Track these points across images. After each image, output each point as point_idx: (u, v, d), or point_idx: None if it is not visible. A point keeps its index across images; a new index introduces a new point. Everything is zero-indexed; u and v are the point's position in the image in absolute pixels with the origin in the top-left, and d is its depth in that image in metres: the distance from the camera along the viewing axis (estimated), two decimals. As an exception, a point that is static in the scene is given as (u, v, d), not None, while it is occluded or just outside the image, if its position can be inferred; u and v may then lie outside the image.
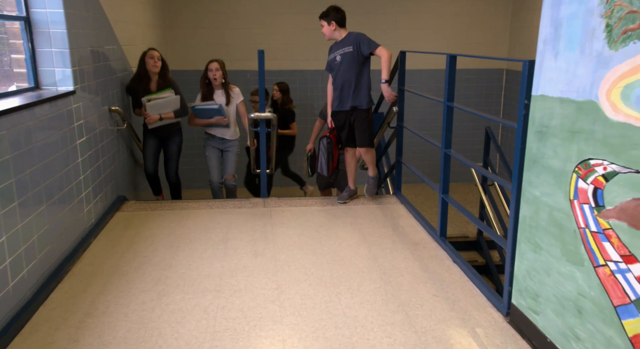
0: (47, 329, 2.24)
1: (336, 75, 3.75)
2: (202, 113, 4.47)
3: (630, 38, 1.59)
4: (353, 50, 3.64)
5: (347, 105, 3.74)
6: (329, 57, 3.82)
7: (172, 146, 4.50)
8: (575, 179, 1.88)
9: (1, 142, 2.19)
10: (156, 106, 4.21)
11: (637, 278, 1.57)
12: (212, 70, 4.41)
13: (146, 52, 4.22)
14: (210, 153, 4.63)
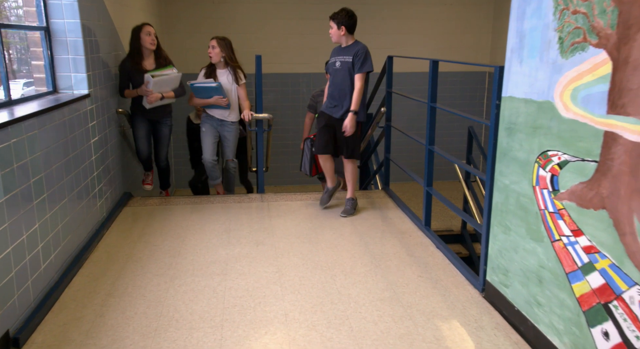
0: (75, 306, 2.52)
1: (333, 80, 3.74)
2: (200, 92, 4.21)
3: (577, 49, 1.91)
4: (351, 62, 3.62)
5: (337, 113, 3.71)
6: (330, 60, 3.79)
7: (163, 129, 4.32)
8: (536, 168, 2.19)
9: (35, 140, 2.46)
10: (160, 83, 3.98)
11: (582, 248, 1.89)
12: (209, 48, 4.18)
13: (141, 27, 3.97)
14: (206, 129, 4.35)
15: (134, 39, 3.97)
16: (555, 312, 2.06)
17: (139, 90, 3.98)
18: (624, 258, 1.68)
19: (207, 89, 4.17)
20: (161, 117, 4.25)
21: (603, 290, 1.78)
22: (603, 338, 1.78)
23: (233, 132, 4.38)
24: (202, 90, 4.19)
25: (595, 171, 1.82)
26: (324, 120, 3.80)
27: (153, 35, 3.98)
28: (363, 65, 3.58)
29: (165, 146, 4.44)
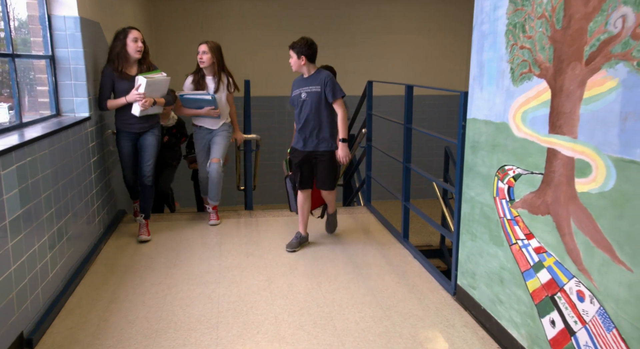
0: (80, 312, 2.72)
1: (300, 112, 3.58)
2: (190, 103, 4.00)
3: (524, 78, 2.24)
4: (320, 91, 3.50)
5: (309, 146, 3.58)
6: (294, 92, 3.64)
7: (148, 137, 3.75)
8: (496, 181, 2.50)
9: (45, 159, 2.70)
10: (153, 85, 3.57)
11: (534, 249, 2.18)
12: (199, 53, 3.95)
13: (127, 31, 3.57)
14: (198, 148, 4.21)
15: (118, 43, 3.56)
16: (513, 308, 2.33)
17: (128, 97, 3.55)
18: (564, 256, 1.97)
19: (199, 101, 3.99)
20: (147, 129, 3.76)
21: (550, 284, 2.06)
22: (550, 326, 2.06)
23: (224, 134, 4.16)
24: (193, 101, 3.99)
25: (541, 182, 2.12)
26: (299, 156, 3.64)
27: (140, 41, 3.60)
28: (336, 92, 3.50)
29: (150, 157, 3.76)
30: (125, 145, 3.77)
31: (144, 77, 3.52)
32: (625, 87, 1.65)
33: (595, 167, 1.80)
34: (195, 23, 7.15)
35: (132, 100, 3.56)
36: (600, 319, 1.77)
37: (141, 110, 3.58)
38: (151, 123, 3.78)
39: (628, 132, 1.64)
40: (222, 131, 4.15)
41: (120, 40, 3.56)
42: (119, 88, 3.62)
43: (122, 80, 3.58)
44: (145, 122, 3.73)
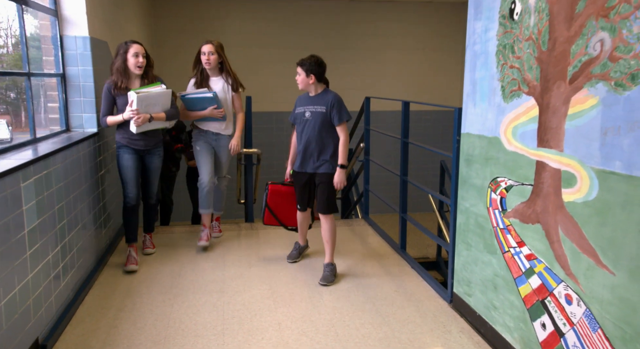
0: (90, 320, 2.82)
1: (302, 132, 3.46)
2: (193, 104, 3.81)
3: (514, 96, 2.39)
4: (326, 112, 3.37)
5: (309, 167, 3.46)
6: (297, 109, 3.52)
7: (153, 159, 3.67)
8: (489, 192, 2.63)
9: (57, 172, 2.82)
10: (147, 100, 3.37)
11: (525, 256, 2.30)
12: (205, 54, 3.74)
13: (127, 46, 3.41)
14: (201, 147, 3.93)
15: (119, 58, 3.41)
16: (507, 313, 2.45)
17: (124, 114, 3.38)
18: (553, 262, 2.10)
19: (200, 100, 3.78)
20: (152, 147, 3.61)
21: (540, 289, 2.19)
22: (541, 329, 2.17)
23: (229, 146, 4.01)
24: (195, 101, 3.79)
25: (531, 192, 2.26)
26: (301, 178, 3.53)
27: (141, 56, 3.41)
28: (342, 115, 3.37)
29: (156, 179, 3.79)
30: (129, 161, 3.55)
31: (136, 92, 3.33)
32: (605, 104, 1.79)
33: (579, 178, 1.94)
34: (197, 41, 7.30)
35: (128, 117, 3.37)
36: (587, 321, 1.89)
37: (136, 127, 3.38)
38: (156, 141, 3.63)
39: (608, 146, 1.78)
40: (227, 145, 3.99)
41: (121, 55, 3.40)
42: (120, 104, 3.47)
43: (122, 95, 3.43)
44: (150, 139, 3.57)
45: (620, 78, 1.71)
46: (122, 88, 3.43)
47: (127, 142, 3.53)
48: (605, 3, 1.76)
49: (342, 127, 3.40)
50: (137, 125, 3.38)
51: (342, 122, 3.39)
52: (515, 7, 2.35)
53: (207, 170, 3.92)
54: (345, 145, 3.41)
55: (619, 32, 1.70)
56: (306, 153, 3.46)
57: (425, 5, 7.96)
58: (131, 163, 3.56)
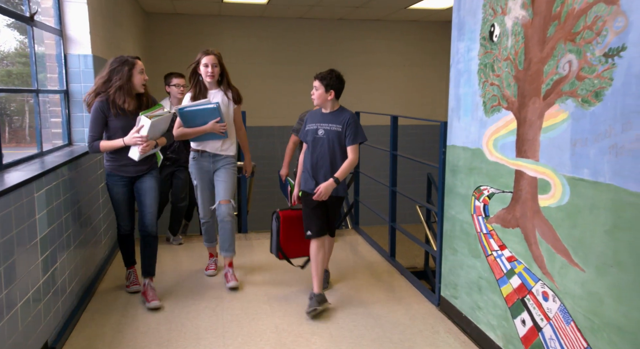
0: (95, 325, 2.93)
1: (313, 150, 3.21)
2: (192, 118, 3.32)
3: (495, 110, 2.59)
4: (341, 131, 3.14)
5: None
6: (308, 125, 3.26)
7: (147, 179, 3.22)
8: (473, 200, 2.82)
9: (65, 184, 2.96)
10: (157, 126, 3.02)
11: (506, 258, 2.49)
12: (209, 66, 3.33)
13: (133, 63, 3.04)
14: (199, 182, 3.48)
15: (122, 75, 2.99)
16: (490, 312, 2.63)
17: (126, 139, 2.98)
18: (531, 262, 2.28)
19: (201, 113, 3.30)
20: (145, 172, 3.23)
21: (520, 288, 2.37)
22: (522, 325, 2.35)
23: (231, 167, 3.49)
24: (196, 115, 3.31)
25: (511, 199, 2.45)
26: (312, 201, 3.17)
27: (144, 72, 3.11)
28: (357, 136, 3.15)
29: (153, 203, 3.24)
30: (120, 191, 3.20)
31: (147, 116, 2.95)
32: (574, 118, 2.00)
33: (553, 184, 2.14)
34: (191, 56, 7.49)
35: (132, 143, 2.98)
36: (561, 315, 2.08)
37: (140, 154, 3.01)
38: (149, 165, 3.24)
39: (577, 155, 1.98)
40: (228, 165, 3.48)
41: (125, 73, 2.98)
42: (113, 126, 3.04)
43: (119, 117, 3.02)
44: (143, 164, 3.17)
45: (586, 95, 1.92)
46: (122, 108, 3.02)
47: (117, 170, 3.14)
48: (572, 28, 1.98)
49: (353, 148, 3.15)
50: (142, 153, 3.00)
51: (356, 143, 3.15)
52: (495, 30, 2.57)
53: (206, 206, 3.54)
54: (351, 165, 3.15)
55: (584, 54, 1.92)
56: (318, 173, 3.20)
57: (410, 24, 8.26)
58: (123, 194, 3.21)
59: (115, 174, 3.16)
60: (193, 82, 3.42)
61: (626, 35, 1.72)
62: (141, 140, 2.97)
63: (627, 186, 1.73)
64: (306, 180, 3.27)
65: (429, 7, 6.90)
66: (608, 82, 1.81)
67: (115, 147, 3.04)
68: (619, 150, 1.76)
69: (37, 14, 3.23)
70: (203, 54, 3.35)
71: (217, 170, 3.49)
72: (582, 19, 1.92)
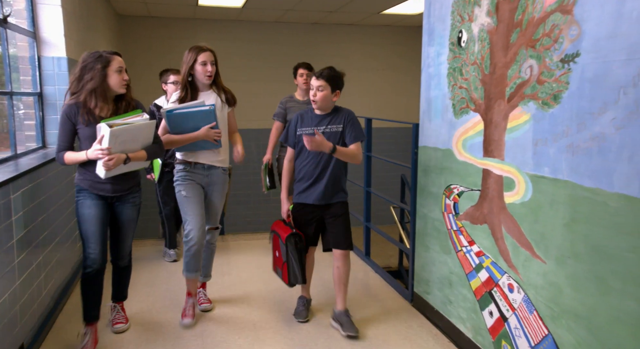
0: (71, 327, 2.93)
1: (309, 156, 2.87)
2: (183, 122, 2.82)
3: (463, 112, 2.71)
4: (342, 130, 2.86)
5: (319, 198, 2.88)
6: (302, 129, 2.90)
7: (126, 210, 2.72)
8: (444, 198, 2.94)
9: (40, 186, 2.95)
10: (123, 135, 2.44)
11: (475, 253, 2.61)
12: (207, 64, 2.86)
13: (108, 59, 2.51)
14: (188, 192, 2.89)
15: (95, 74, 2.48)
16: (460, 305, 2.74)
17: (88, 152, 2.44)
18: (498, 256, 2.40)
19: (193, 116, 2.82)
20: (125, 193, 2.68)
21: (488, 282, 2.49)
22: (489, 316, 2.47)
23: (226, 184, 3.06)
24: (187, 118, 2.82)
25: (479, 197, 2.57)
26: (309, 212, 2.94)
27: (125, 72, 2.60)
28: (359, 133, 2.85)
29: (130, 235, 2.82)
30: (92, 209, 2.60)
31: (108, 124, 2.40)
32: (535, 120, 2.12)
33: (517, 182, 2.26)
34: (165, 60, 7.48)
35: (94, 157, 2.43)
36: (525, 305, 2.20)
37: (105, 171, 2.45)
38: (131, 185, 2.70)
39: (538, 154, 2.10)
40: (223, 182, 3.03)
41: (99, 71, 2.47)
42: (83, 136, 2.54)
43: (90, 125, 2.51)
44: (123, 183, 2.64)
45: (546, 98, 2.05)
46: (93, 114, 2.52)
47: (89, 186, 2.60)
48: (532, 36, 2.11)
49: (358, 145, 2.84)
50: (106, 169, 2.44)
51: (358, 141, 2.85)
52: (462, 36, 2.69)
53: (198, 221, 2.88)
54: (354, 154, 2.81)
55: (543, 60, 2.05)
56: (316, 181, 2.88)
57: (384, 28, 8.42)
58: (94, 212, 2.60)
59: (88, 190, 2.61)
60: (183, 83, 2.89)
61: (580, 42, 1.85)
62: (102, 153, 2.39)
63: (582, 183, 1.86)
64: (300, 190, 2.93)
65: (401, 13, 7.06)
66: (565, 86, 1.93)
67: (80, 161, 2.52)
68: (575, 149, 1.89)
69: (10, 15, 3.21)
70: (197, 50, 2.87)
71: (210, 188, 2.99)
72: (541, 26, 2.05)
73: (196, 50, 2.87)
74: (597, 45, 1.78)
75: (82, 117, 2.52)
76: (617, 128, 1.70)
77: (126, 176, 2.65)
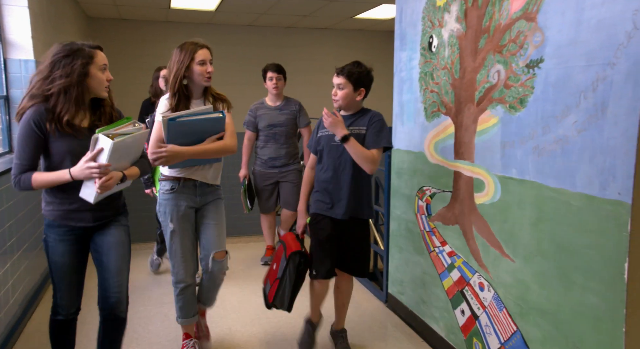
0: (40, 335, 2.87)
1: (331, 162, 2.52)
2: (186, 132, 2.30)
3: (435, 116, 2.77)
4: (366, 133, 2.50)
5: (345, 212, 2.50)
6: (322, 131, 2.58)
7: (114, 233, 2.13)
8: (417, 200, 2.99)
9: (8, 192, 2.88)
10: (121, 149, 1.95)
11: (447, 253, 2.66)
12: (206, 64, 2.44)
13: (91, 53, 1.97)
14: (178, 224, 2.46)
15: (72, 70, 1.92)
16: (434, 305, 2.79)
17: (75, 170, 1.89)
18: (469, 256, 2.46)
19: (202, 125, 2.35)
20: (111, 214, 2.13)
21: (460, 281, 2.54)
22: (461, 315, 2.52)
23: (222, 202, 2.62)
24: (192, 128, 2.32)
25: (451, 198, 2.63)
26: (327, 227, 2.51)
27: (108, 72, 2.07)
28: (380, 136, 2.48)
29: (124, 269, 2.19)
30: (67, 260, 2.08)
31: (108, 134, 1.90)
32: (503, 123, 2.19)
33: (487, 183, 2.32)
34: (137, 64, 7.40)
35: (85, 176, 1.89)
36: (495, 303, 2.26)
37: (97, 194, 1.93)
38: (115, 207, 2.14)
39: (506, 156, 2.17)
40: (218, 199, 2.60)
41: (77, 69, 1.92)
42: (57, 151, 1.94)
43: (64, 136, 1.94)
44: (107, 207, 2.09)
45: (513, 101, 2.12)
46: (68, 123, 1.94)
47: (61, 217, 2.02)
48: (499, 41, 2.18)
49: (377, 151, 2.47)
50: (101, 191, 1.93)
51: (379, 146, 2.47)
52: (433, 41, 2.76)
53: (188, 267, 2.51)
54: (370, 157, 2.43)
55: (510, 65, 2.12)
56: (338, 192, 2.50)
57: (357, 33, 8.51)
58: (68, 262, 2.09)
59: (61, 225, 2.03)
60: (176, 88, 2.40)
61: (543, 48, 1.92)
62: (98, 171, 1.87)
63: (547, 183, 1.93)
64: (318, 202, 2.55)
65: (373, 17, 7.15)
66: (530, 90, 2.00)
67: (58, 183, 1.92)
68: (541, 151, 1.96)
69: (-25, 17, 3.13)
70: (194, 47, 2.43)
71: (204, 207, 2.54)
72: (507, 33, 2.12)
73: (192, 47, 2.43)
74: (559, 52, 1.85)
75: (52, 125, 1.91)
76: (579, 131, 1.77)
77: (110, 198, 2.09)
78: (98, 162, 1.89)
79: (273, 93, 4.11)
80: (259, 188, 4.16)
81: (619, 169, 1.63)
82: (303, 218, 2.66)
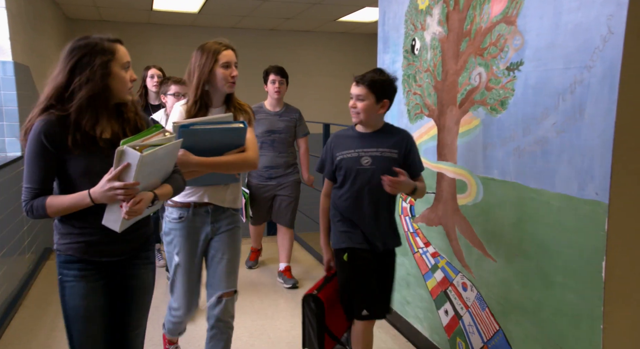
0: (19, 342, 2.82)
1: (358, 189, 2.17)
2: (201, 143, 1.97)
3: (418, 118, 2.80)
4: (398, 157, 2.18)
5: (382, 244, 2.24)
6: (342, 153, 2.22)
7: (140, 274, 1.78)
8: (401, 202, 3.01)
9: (-13, 194, 2.83)
10: (151, 164, 1.57)
11: (431, 254, 2.69)
12: (231, 67, 2.16)
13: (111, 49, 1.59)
14: (185, 257, 2.18)
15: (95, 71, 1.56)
16: (418, 305, 2.82)
17: (95, 191, 1.52)
18: (452, 256, 2.49)
19: (221, 136, 2.03)
20: (139, 245, 1.76)
21: (443, 281, 2.57)
22: (445, 315, 2.55)
23: (238, 231, 2.27)
24: (209, 138, 1.99)
25: (434, 199, 2.66)
26: (367, 261, 2.21)
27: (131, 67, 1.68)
28: (420, 162, 2.27)
29: (144, 316, 1.84)
30: (91, 303, 1.66)
31: (134, 146, 1.52)
32: (484, 125, 2.23)
33: (469, 184, 2.36)
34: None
35: (109, 199, 1.53)
36: (478, 302, 2.29)
37: (125, 219, 1.56)
38: (146, 238, 1.79)
39: (488, 158, 2.21)
40: (234, 227, 2.24)
41: (98, 68, 1.56)
42: (75, 170, 1.59)
43: (85, 153, 1.58)
44: (135, 237, 1.73)
45: (494, 104, 2.15)
46: (89, 137, 1.59)
47: (82, 251, 1.64)
48: (480, 44, 2.21)
49: (422, 179, 2.27)
50: (129, 217, 1.55)
51: (420, 173, 2.27)
52: (416, 44, 2.78)
53: (188, 301, 2.27)
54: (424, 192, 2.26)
55: (491, 68, 2.15)
56: (371, 222, 2.20)
57: (340, 35, 8.55)
58: (93, 304, 1.66)
59: (79, 261, 1.65)
60: (196, 94, 2.12)
61: (523, 51, 1.96)
62: (123, 193, 1.50)
63: (528, 184, 1.96)
64: (347, 233, 2.21)
65: (356, 20, 7.19)
66: (511, 92, 2.04)
67: (77, 207, 1.56)
68: (521, 152, 1.99)
69: (-48, 17, 3.06)
70: (217, 49, 2.13)
71: (217, 236, 2.19)
72: (488, 36, 2.16)
73: (216, 47, 2.13)
74: (538, 55, 1.89)
75: (71, 139, 1.55)
76: (558, 133, 1.81)
77: (137, 226, 1.69)
78: (124, 181, 1.51)
79: (274, 98, 3.81)
80: (255, 202, 3.91)
81: (596, 170, 1.67)
82: (328, 254, 2.37)
